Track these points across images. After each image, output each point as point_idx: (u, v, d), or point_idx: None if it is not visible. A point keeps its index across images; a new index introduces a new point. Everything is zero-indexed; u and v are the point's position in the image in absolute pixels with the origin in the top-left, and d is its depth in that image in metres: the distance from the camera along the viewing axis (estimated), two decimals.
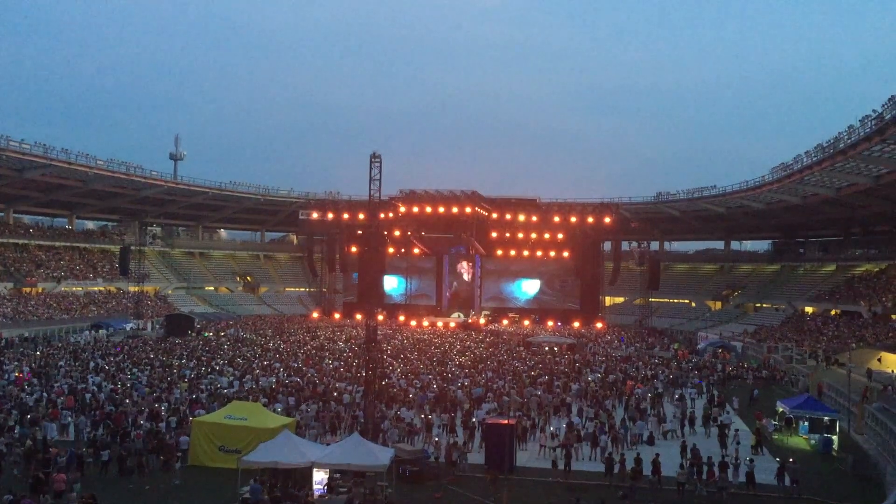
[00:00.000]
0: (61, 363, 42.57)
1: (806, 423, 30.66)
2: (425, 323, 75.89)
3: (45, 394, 32.25)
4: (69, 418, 28.22)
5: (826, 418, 30.31)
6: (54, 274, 77.13)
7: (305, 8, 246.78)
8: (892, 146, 46.42)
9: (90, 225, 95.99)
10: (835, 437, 29.51)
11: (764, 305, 79.42)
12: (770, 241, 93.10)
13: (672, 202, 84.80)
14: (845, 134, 49.79)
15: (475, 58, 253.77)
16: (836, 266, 76.68)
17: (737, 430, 29.49)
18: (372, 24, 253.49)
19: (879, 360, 46.56)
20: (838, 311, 65.76)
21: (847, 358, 46.61)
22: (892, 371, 42.50)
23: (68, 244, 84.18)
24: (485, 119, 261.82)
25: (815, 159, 55.43)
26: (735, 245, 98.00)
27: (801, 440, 30.39)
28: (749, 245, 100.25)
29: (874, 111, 44.62)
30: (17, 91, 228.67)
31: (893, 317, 56.39)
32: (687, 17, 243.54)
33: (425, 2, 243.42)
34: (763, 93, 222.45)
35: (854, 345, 52.67)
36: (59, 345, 53.18)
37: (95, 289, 79.77)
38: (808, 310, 70.28)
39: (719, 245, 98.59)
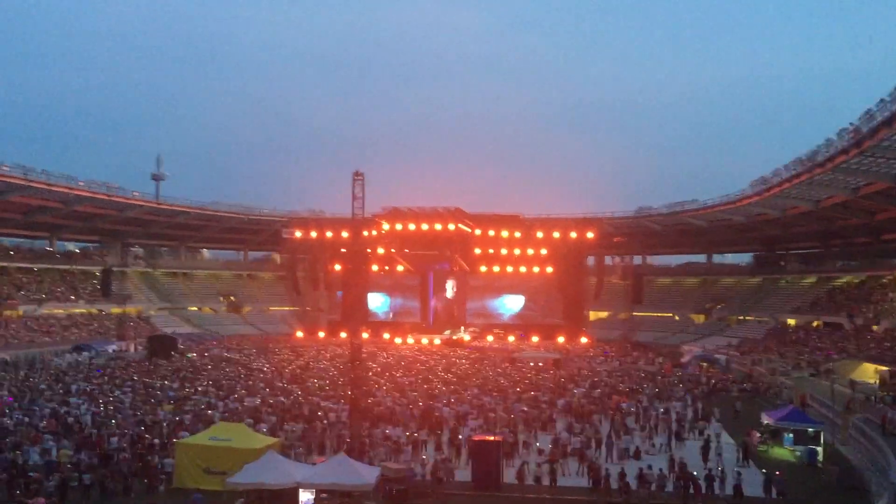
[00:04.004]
0: (43, 386, 42.00)
1: (791, 435, 30.79)
2: (410, 340, 75.71)
3: (26, 418, 31.83)
4: (51, 442, 27.84)
5: (811, 430, 30.48)
6: (35, 297, 76.30)
7: (286, 27, 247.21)
8: (870, 158, 46.98)
9: (71, 247, 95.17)
10: (819, 449, 29.61)
11: (747, 318, 79.71)
12: (751, 254, 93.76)
13: (653, 216, 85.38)
14: (823, 147, 50.32)
15: (456, 75, 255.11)
16: (816, 278, 77.26)
17: (720, 441, 29.60)
18: (353, 42, 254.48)
19: None
20: (820, 323, 66.24)
21: (831, 368, 46.96)
22: (875, 382, 42.83)
23: (49, 266, 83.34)
24: (467, 136, 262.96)
25: (793, 172, 55.89)
26: (717, 258, 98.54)
27: (786, 452, 30.51)
28: (731, 258, 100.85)
29: (851, 124, 45.18)
30: None
31: (874, 328, 56.90)
32: (667, 31, 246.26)
33: (406, 20, 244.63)
34: (745, 104, 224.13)
35: (837, 356, 53.03)
36: (41, 368, 52.52)
37: (77, 311, 78.89)
38: (791, 322, 70.71)
39: (701, 258, 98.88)
